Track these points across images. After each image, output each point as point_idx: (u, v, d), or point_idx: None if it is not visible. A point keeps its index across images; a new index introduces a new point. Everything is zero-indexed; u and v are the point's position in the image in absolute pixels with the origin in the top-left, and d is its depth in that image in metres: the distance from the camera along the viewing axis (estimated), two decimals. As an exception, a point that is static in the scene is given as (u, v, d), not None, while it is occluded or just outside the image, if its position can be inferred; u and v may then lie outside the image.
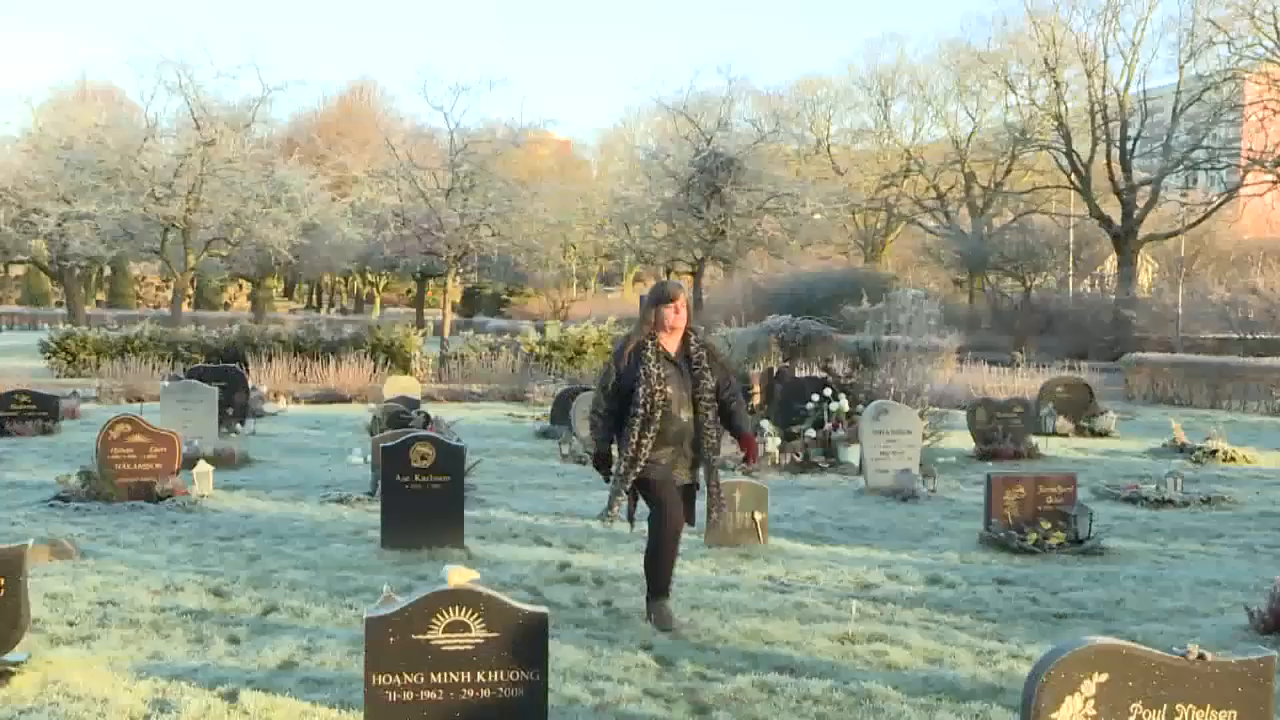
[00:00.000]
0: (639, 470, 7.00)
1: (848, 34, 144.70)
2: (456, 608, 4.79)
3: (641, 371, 6.99)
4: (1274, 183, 43.74)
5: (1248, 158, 44.18)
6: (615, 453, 7.26)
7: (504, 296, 69.62)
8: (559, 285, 66.88)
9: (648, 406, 6.93)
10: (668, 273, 49.74)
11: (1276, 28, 41.34)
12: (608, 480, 7.32)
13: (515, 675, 4.83)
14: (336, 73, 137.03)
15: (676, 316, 7.12)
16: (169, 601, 7.63)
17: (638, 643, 6.84)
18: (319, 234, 45.41)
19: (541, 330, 30.81)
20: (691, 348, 7.13)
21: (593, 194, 53.81)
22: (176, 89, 39.71)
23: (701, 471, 7.24)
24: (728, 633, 7.09)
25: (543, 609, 5.01)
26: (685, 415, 7.05)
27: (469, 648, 4.79)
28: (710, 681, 6.15)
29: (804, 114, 59.57)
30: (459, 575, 4.85)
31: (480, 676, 4.80)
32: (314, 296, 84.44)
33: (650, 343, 7.08)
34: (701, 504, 7.37)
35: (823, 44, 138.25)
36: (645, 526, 7.40)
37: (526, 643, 4.85)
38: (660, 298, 7.17)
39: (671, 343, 7.14)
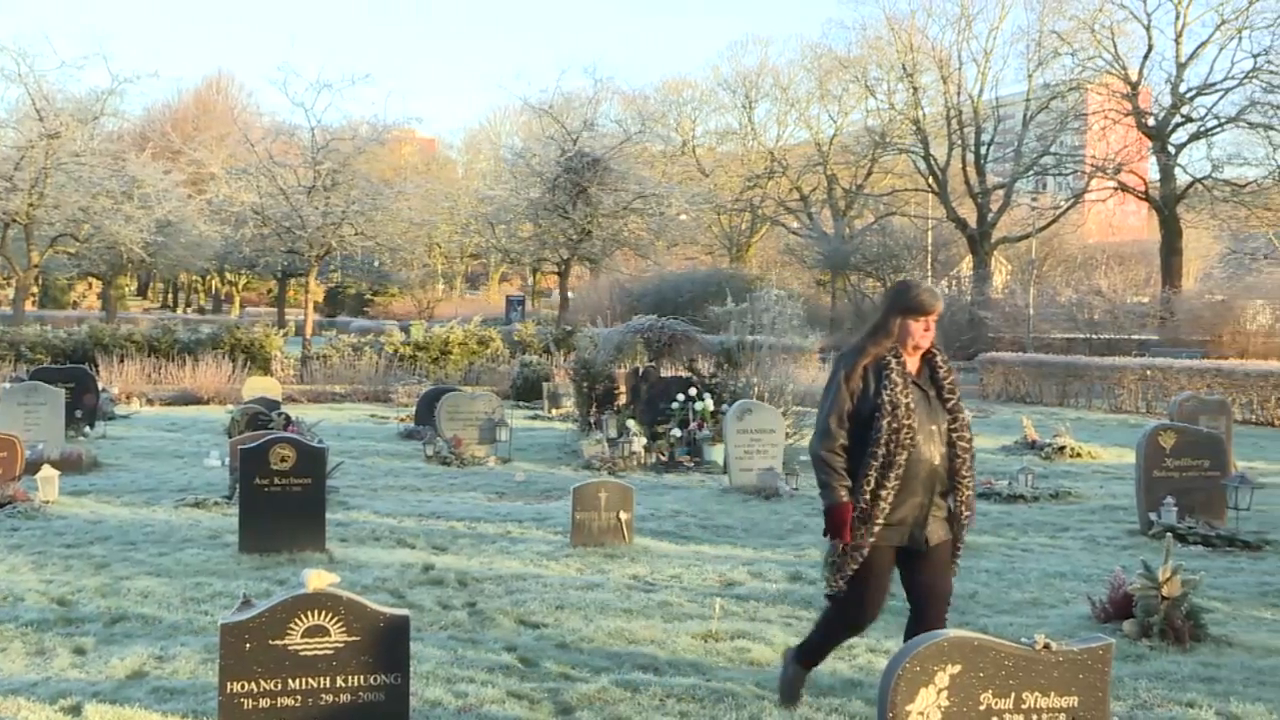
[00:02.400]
0: (875, 533, 5.33)
1: (712, 36, 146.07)
2: (315, 612, 4.70)
3: (885, 398, 5.32)
4: (1115, 189, 45.45)
5: (1091, 165, 45.90)
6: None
7: (368, 296, 68.71)
8: (424, 285, 66.24)
9: (890, 445, 5.28)
10: (534, 272, 49.65)
11: (1114, 41, 43.05)
12: (835, 543, 5.47)
13: (376, 679, 4.76)
14: (192, 66, 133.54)
15: (926, 335, 5.45)
16: (6, 613, 7.31)
17: (501, 644, 6.80)
18: (174, 231, 44.11)
19: (406, 330, 30.49)
20: (940, 370, 5.54)
21: (458, 193, 53.41)
22: (15, 78, 38.12)
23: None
24: (592, 632, 7.09)
25: (404, 611, 4.95)
26: (936, 457, 5.41)
27: (328, 652, 4.70)
28: (574, 681, 6.14)
29: (670, 115, 60.08)
30: (318, 579, 4.76)
31: (340, 681, 4.71)
32: (170, 296, 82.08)
33: (895, 361, 5.38)
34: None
35: (688, 46, 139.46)
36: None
37: (387, 646, 4.78)
38: (909, 306, 5.44)
39: (913, 362, 5.49)
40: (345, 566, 8.63)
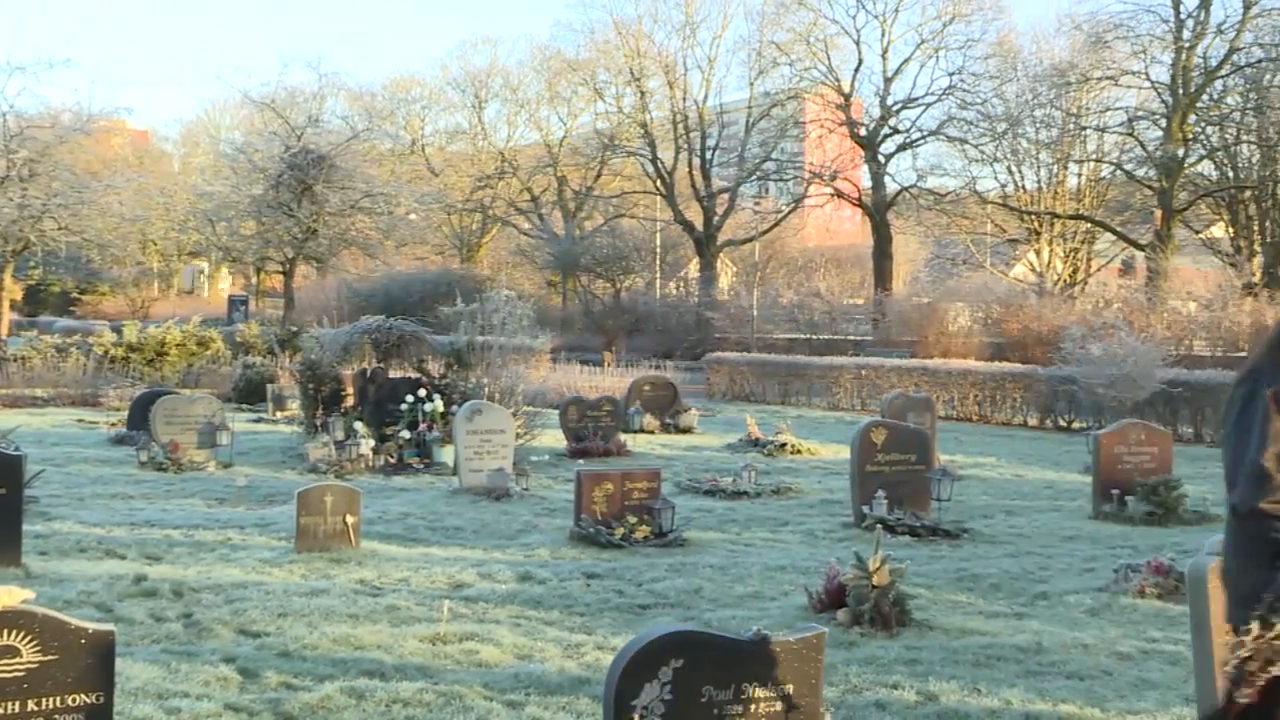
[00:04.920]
0: None
1: (441, 34, 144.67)
2: (5, 631, 4.37)
3: None
4: (832, 195, 47.62)
5: (810, 171, 47.98)
6: None
7: (74, 295, 64.74)
8: (138, 284, 62.99)
9: None
10: (258, 271, 48.10)
11: (828, 54, 45.17)
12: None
13: (75, 700, 4.46)
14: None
15: None
16: None
17: (220, 655, 6.51)
18: None
19: (118, 331, 28.88)
20: None
21: (175, 188, 51.16)
22: None
23: None
24: (316, 639, 6.88)
25: (109, 626, 4.66)
26: None
27: (19, 674, 4.37)
28: (296, 691, 5.95)
29: (398, 113, 59.19)
30: (9, 595, 4.42)
31: (33, 705, 4.39)
32: None
33: None
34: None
35: (416, 44, 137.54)
36: None
37: (89, 664, 4.49)
38: None
39: None
40: (45, 581, 8.09)
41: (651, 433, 19.94)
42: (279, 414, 21.59)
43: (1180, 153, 36.38)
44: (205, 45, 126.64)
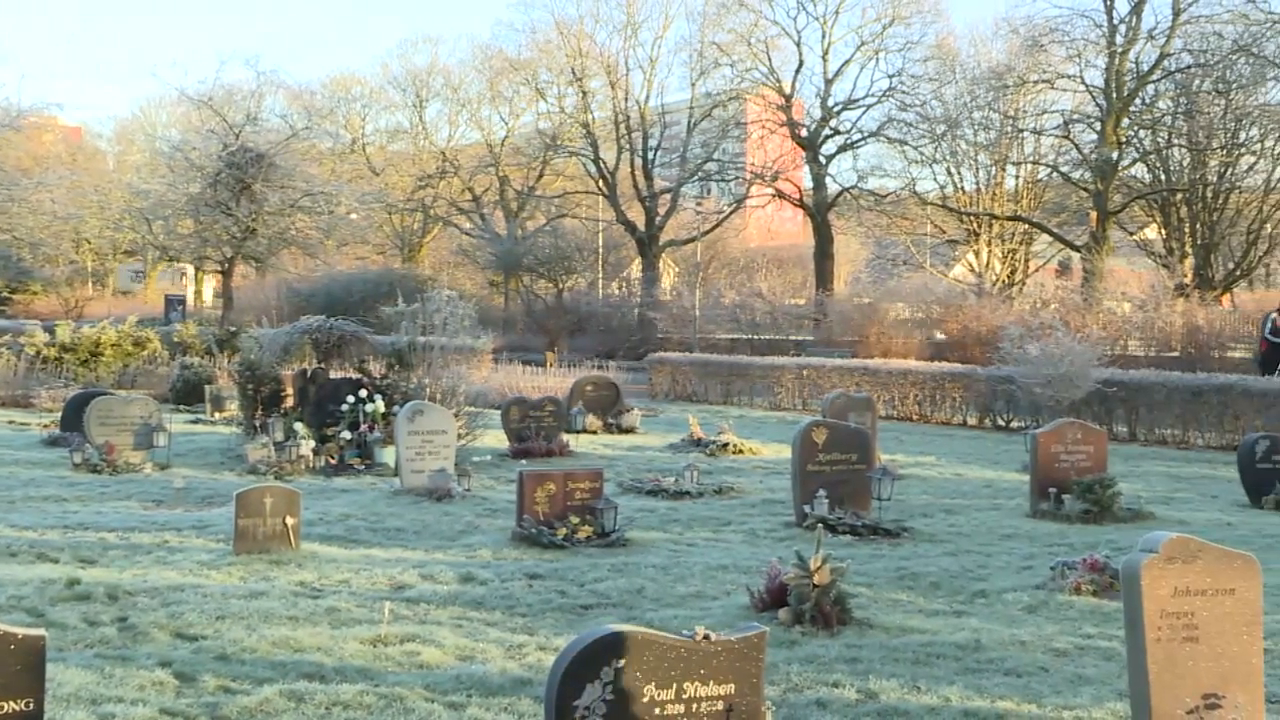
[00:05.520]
0: None
1: (382, 33, 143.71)
2: (-68, 639, 4.28)
3: None
4: (774, 196, 47.86)
5: (751, 172, 48.18)
6: None
7: (4, 294, 63.54)
8: (71, 283, 61.93)
9: None
10: (197, 270, 47.54)
11: (769, 55, 45.42)
12: None
13: (4, 708, 4.38)
14: None
15: None
16: None
17: (155, 659, 6.43)
18: None
19: (51, 331, 28.38)
20: None
21: (110, 186, 50.40)
22: None
23: None
24: (255, 642, 6.81)
25: (40, 631, 4.58)
26: None
27: (-51, 682, 4.29)
28: (235, 695, 5.88)
29: (339, 112, 58.69)
30: (-63, 602, 4.34)
31: (-37, 713, 4.31)
32: None
33: None
34: None
35: (356, 42, 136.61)
36: None
37: (18, 670, 4.41)
38: None
39: None
40: (-24, 587, 7.94)
41: (594, 433, 19.92)
42: (217, 415, 21.34)
43: (1114, 156, 36.94)
44: (140, 41, 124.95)
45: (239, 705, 5.70)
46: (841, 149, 45.52)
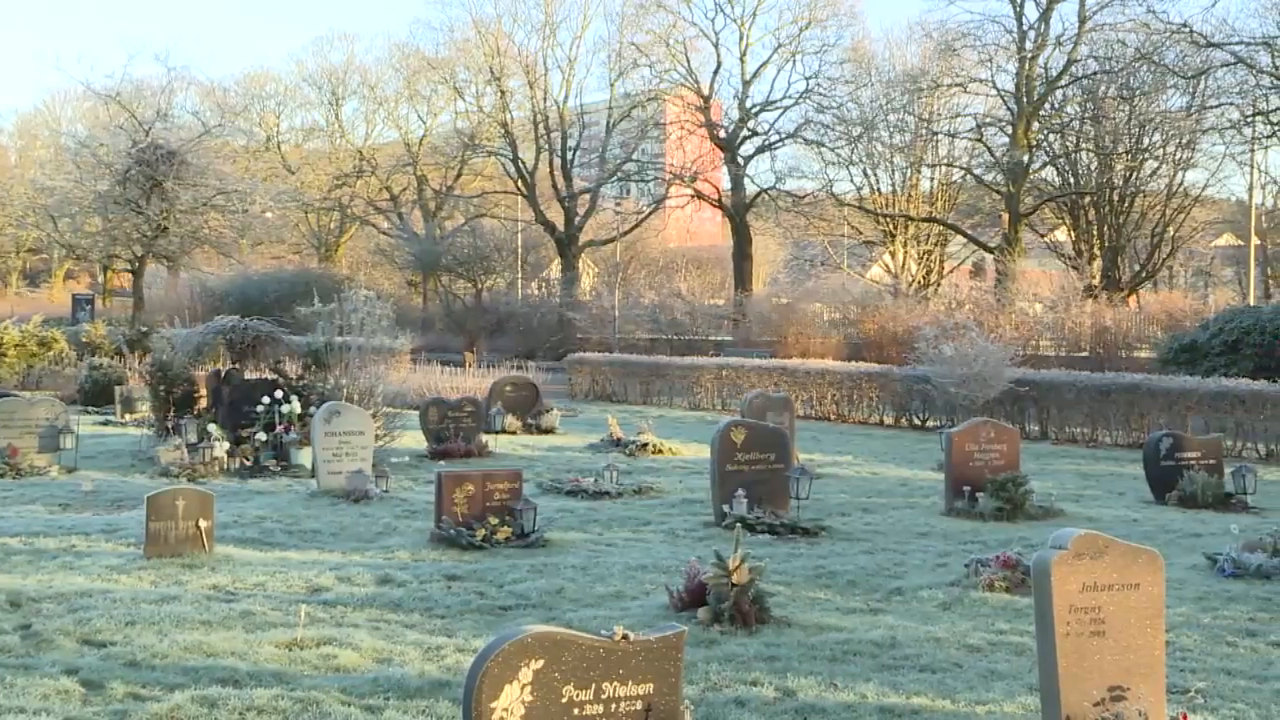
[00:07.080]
0: None
1: (296, 30, 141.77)
2: None
3: None
4: (693, 196, 48.09)
5: (670, 172, 48.37)
6: None
7: (-100, 294, 61.82)
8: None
9: None
10: (105, 270, 46.62)
11: (687, 56, 45.64)
12: None
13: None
14: None
15: None
16: None
17: (61, 667, 6.30)
18: None
19: (-49, 331, 27.66)
20: None
21: (12, 183, 49.36)
22: None
23: None
24: (166, 648, 6.70)
25: (-56, 642, 4.49)
26: None
27: None
28: (144, 701, 5.79)
29: (252, 109, 57.84)
30: None
31: None
32: None
33: None
34: None
35: (270, 39, 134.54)
36: None
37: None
38: None
39: None
40: (-125, 595, 7.72)
41: (513, 433, 19.86)
42: (128, 416, 20.95)
43: (1025, 159, 37.70)
44: (43, 33, 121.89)
45: (149, 712, 5.61)
46: (760, 150, 45.89)
